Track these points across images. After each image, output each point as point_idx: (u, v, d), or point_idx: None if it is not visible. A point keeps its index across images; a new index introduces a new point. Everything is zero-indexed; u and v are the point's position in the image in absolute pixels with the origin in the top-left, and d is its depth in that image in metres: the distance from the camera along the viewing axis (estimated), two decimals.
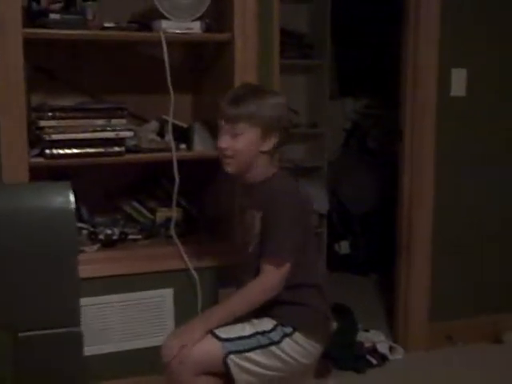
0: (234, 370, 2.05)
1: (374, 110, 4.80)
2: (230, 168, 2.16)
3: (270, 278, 2.05)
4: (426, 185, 3.24)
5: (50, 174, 2.64)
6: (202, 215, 2.97)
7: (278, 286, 2.06)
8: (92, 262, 2.61)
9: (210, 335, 2.05)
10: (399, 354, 3.26)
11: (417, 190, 3.25)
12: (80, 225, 2.74)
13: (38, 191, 2.23)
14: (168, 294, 2.74)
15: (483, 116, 3.31)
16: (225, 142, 2.12)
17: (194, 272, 2.70)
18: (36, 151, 2.50)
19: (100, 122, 2.53)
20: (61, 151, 2.48)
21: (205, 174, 2.91)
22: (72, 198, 2.21)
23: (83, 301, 2.54)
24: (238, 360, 2.05)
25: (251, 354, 2.06)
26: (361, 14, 4.63)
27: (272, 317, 2.12)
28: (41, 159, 2.48)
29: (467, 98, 3.26)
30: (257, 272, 2.08)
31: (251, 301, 2.06)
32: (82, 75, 2.81)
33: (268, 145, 2.13)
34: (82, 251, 2.62)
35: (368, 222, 4.72)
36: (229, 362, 2.04)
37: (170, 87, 2.57)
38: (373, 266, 4.60)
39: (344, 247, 4.76)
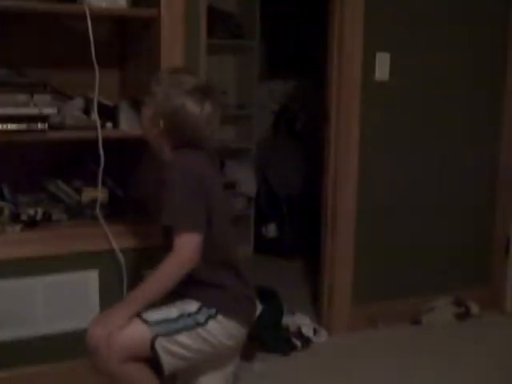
0: (162, 354, 2.03)
1: (302, 92, 4.82)
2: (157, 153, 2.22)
3: (182, 251, 2.02)
4: (350, 166, 3.30)
5: None
6: (129, 196, 2.92)
7: (192, 258, 2.02)
8: (13, 243, 2.55)
9: (136, 319, 2.03)
10: (323, 337, 3.32)
11: (341, 172, 3.29)
12: (1, 204, 2.66)
13: None
14: (93, 275, 2.69)
15: (405, 100, 3.40)
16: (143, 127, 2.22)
17: (119, 253, 2.67)
18: None
19: (22, 97, 2.45)
20: None
21: (131, 153, 2.87)
22: None
23: (3, 283, 2.50)
24: (165, 343, 2.03)
25: (178, 337, 2.05)
26: None
27: (196, 298, 2.11)
28: None
29: (390, 82, 3.33)
30: None
31: (168, 276, 2.02)
32: (3, 46, 2.72)
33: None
34: (4, 231, 2.55)
35: (295, 205, 4.76)
36: (156, 345, 2.02)
37: (95, 63, 2.51)
38: (300, 249, 4.64)
39: (271, 230, 4.78)
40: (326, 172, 3.35)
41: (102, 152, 2.57)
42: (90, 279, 2.69)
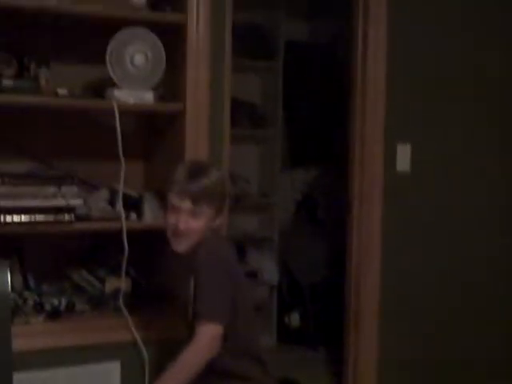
0: None
1: (324, 181, 4.89)
2: (182, 247, 2.17)
3: (202, 339, 2.01)
4: (373, 256, 3.30)
5: None
6: (151, 285, 2.94)
7: (211, 347, 2.02)
8: (36, 334, 2.55)
9: None
10: None
11: (364, 261, 3.30)
12: (26, 294, 2.68)
13: None
14: (115, 367, 2.67)
15: (428, 190, 3.42)
16: (185, 222, 2.13)
17: (142, 345, 2.66)
18: None
19: (50, 189, 2.53)
20: (9, 218, 2.45)
21: (154, 243, 2.88)
22: (8, 279, 2.15)
23: (26, 375, 2.50)
24: None
25: None
26: (311, 87, 4.77)
27: None
28: None
29: (412, 172, 3.36)
30: None
31: (189, 365, 2.02)
32: (32, 140, 2.80)
33: (220, 220, 2.19)
34: (27, 322, 2.56)
35: (318, 294, 4.72)
36: None
37: (122, 156, 2.58)
38: (323, 338, 4.58)
39: (294, 319, 4.73)
40: (348, 263, 3.35)
41: (125, 242, 2.60)
42: (112, 371, 2.67)
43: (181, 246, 2.16)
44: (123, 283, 2.69)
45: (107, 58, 2.56)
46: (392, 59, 3.26)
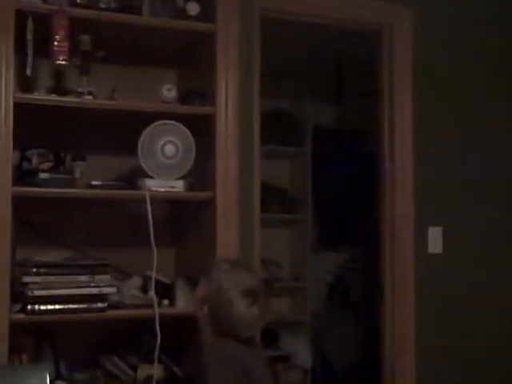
0: None
1: (356, 264, 4.90)
2: None
3: None
4: (408, 340, 3.28)
5: (31, 328, 2.66)
6: (184, 372, 2.94)
7: None
8: None
9: None
10: None
11: (399, 346, 3.28)
12: (58, 383, 2.70)
13: (15, 375, 2.29)
14: None
15: (461, 271, 3.43)
16: None
17: None
18: (18, 307, 2.52)
19: (84, 278, 2.59)
20: (43, 307, 2.51)
21: (187, 330, 2.91)
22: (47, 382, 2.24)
23: None
24: None
25: None
26: (340, 171, 4.85)
27: None
28: (22, 315, 2.50)
29: (444, 254, 3.39)
30: None
31: None
32: (66, 229, 2.89)
33: None
34: None
35: (352, 378, 4.66)
36: None
37: (153, 243, 2.63)
38: None
39: None
40: (382, 347, 3.34)
41: (158, 329, 2.63)
42: None
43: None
44: (156, 370, 2.70)
45: (139, 149, 2.65)
46: (419, 144, 3.33)
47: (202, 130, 2.79)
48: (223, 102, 2.77)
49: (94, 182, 2.64)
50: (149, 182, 2.67)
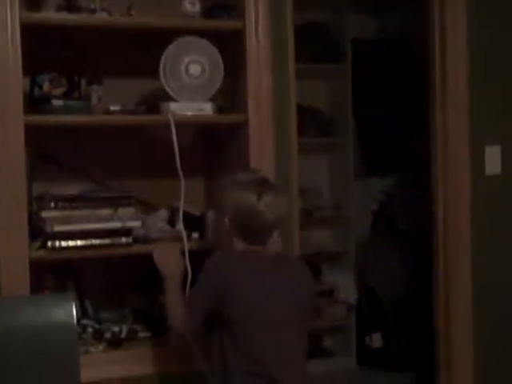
0: None
1: (403, 190, 4.84)
2: None
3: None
4: (462, 269, 3.23)
5: (52, 266, 2.68)
6: None
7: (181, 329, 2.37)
8: (96, 365, 2.59)
9: None
10: None
11: (453, 276, 3.23)
12: (85, 322, 2.74)
13: (39, 305, 2.32)
14: None
15: None
16: None
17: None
18: (37, 243, 2.53)
19: (106, 211, 2.60)
20: (64, 243, 2.52)
21: None
22: (74, 312, 2.30)
23: None
24: None
25: None
26: (384, 88, 4.74)
27: None
28: (42, 252, 2.51)
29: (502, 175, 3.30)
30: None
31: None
32: (86, 161, 2.87)
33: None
34: (87, 352, 2.62)
35: (401, 311, 4.67)
36: None
37: (180, 173, 2.60)
38: (408, 360, 4.52)
39: (376, 340, 4.70)
40: (435, 280, 3.30)
41: (188, 264, 2.61)
42: None
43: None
44: None
45: (161, 70, 2.59)
46: (474, 50, 3.20)
47: (230, 47, 2.74)
48: (253, 14, 2.71)
49: (112, 108, 2.61)
50: (173, 106, 2.62)
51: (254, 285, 2.26)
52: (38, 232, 2.54)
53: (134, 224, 2.62)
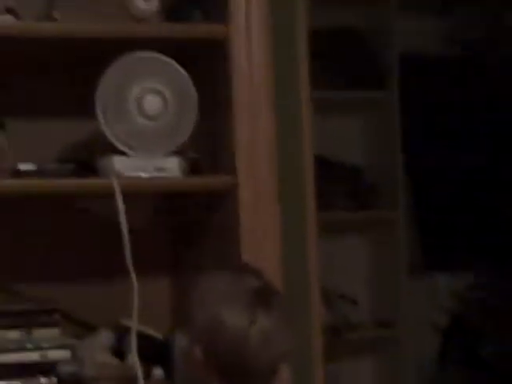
0: None
1: (489, 293, 4.84)
2: None
3: None
4: None
5: None
6: None
7: None
8: None
9: None
10: None
11: None
12: None
13: None
14: None
15: None
16: None
17: None
18: None
19: (13, 334, 2.59)
20: None
21: None
22: None
23: None
24: None
25: None
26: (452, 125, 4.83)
27: None
28: None
29: None
30: None
31: None
32: None
33: None
34: None
35: None
36: None
37: (132, 271, 2.59)
38: None
39: None
40: None
41: None
42: None
43: None
44: None
45: (98, 105, 2.61)
46: None
47: (206, 67, 2.79)
48: (243, 16, 2.71)
49: (22, 167, 2.60)
50: (119, 163, 2.64)
51: None
52: None
53: (59, 355, 2.62)
